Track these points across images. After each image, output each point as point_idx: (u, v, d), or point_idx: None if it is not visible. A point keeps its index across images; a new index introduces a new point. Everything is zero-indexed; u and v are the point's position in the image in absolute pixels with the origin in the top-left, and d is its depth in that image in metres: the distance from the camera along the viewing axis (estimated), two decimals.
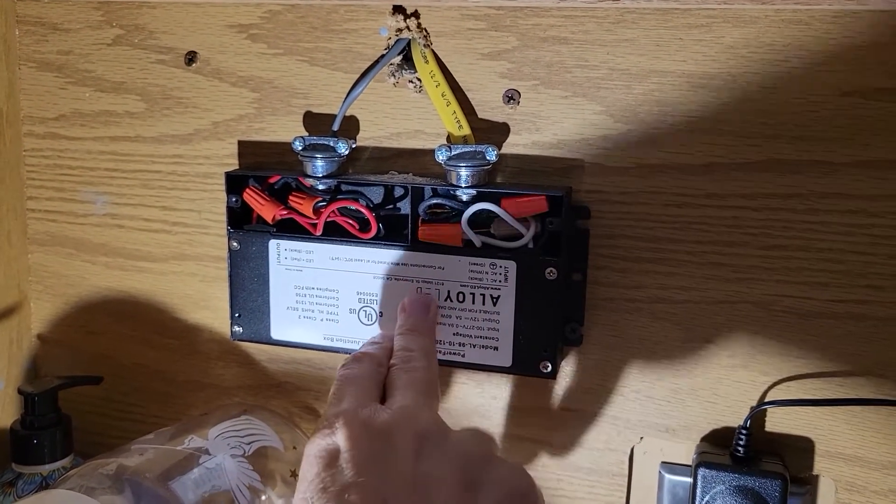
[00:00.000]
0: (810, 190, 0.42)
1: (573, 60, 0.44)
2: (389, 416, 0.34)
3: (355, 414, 0.34)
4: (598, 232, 0.45)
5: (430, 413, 0.36)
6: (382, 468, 0.31)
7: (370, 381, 0.38)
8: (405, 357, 0.40)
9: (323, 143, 0.46)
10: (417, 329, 0.43)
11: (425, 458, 0.32)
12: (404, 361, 0.40)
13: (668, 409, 0.46)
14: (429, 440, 0.33)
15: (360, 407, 0.35)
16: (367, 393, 0.37)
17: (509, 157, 0.46)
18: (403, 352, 0.41)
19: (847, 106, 0.41)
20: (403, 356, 0.40)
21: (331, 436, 0.33)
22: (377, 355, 0.41)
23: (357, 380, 0.38)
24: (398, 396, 0.37)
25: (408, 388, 0.37)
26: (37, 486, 0.51)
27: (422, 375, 0.39)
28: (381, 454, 0.32)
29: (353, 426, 0.33)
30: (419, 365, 0.39)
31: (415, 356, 0.40)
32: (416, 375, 0.39)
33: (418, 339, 0.42)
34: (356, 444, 0.32)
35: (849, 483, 0.44)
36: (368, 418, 0.34)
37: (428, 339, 0.43)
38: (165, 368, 0.56)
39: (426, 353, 0.41)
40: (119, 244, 0.55)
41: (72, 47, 0.54)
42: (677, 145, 0.43)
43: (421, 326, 0.43)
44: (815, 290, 0.43)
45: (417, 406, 0.36)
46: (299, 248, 0.48)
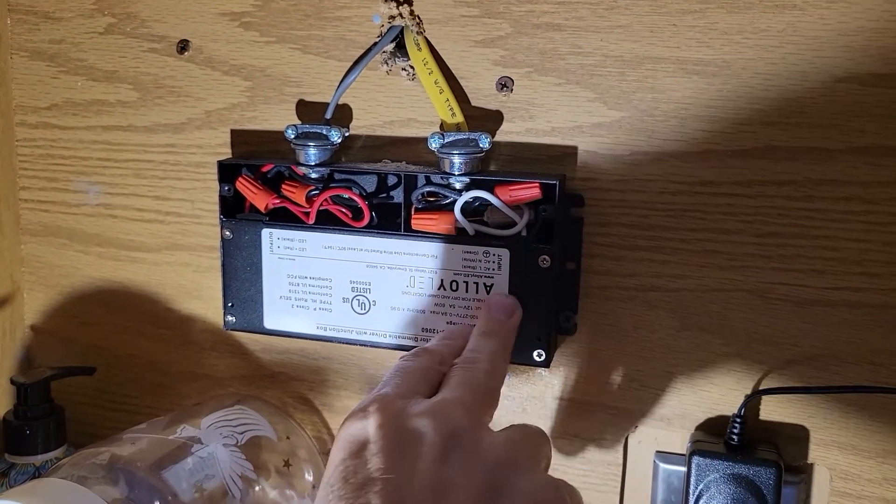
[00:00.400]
0: (805, 177, 0.42)
1: (567, 47, 0.44)
2: (424, 409, 0.33)
3: (392, 402, 0.33)
4: (592, 220, 0.45)
5: (468, 412, 0.34)
6: (406, 466, 0.30)
7: (422, 374, 0.36)
8: (470, 358, 0.38)
9: (316, 132, 0.46)
10: (494, 332, 0.41)
11: (450, 462, 0.31)
12: (467, 362, 0.38)
13: (662, 398, 0.46)
14: (458, 442, 0.32)
15: (399, 396, 0.34)
16: (413, 384, 0.35)
17: (503, 145, 0.46)
18: (471, 352, 0.39)
19: (842, 92, 0.40)
20: (469, 356, 0.38)
21: (363, 419, 0.32)
22: (440, 351, 0.39)
23: (408, 370, 0.36)
24: (445, 392, 0.35)
25: (458, 386, 0.35)
26: (30, 477, 0.51)
27: (479, 377, 0.37)
28: (407, 450, 0.31)
29: (386, 414, 0.32)
30: (481, 367, 0.37)
31: (481, 358, 0.38)
32: (473, 376, 0.37)
33: (490, 343, 0.40)
34: (385, 436, 0.31)
35: (844, 471, 0.44)
36: (402, 409, 0.33)
37: (502, 345, 0.40)
38: (159, 359, 0.56)
39: (494, 358, 0.39)
40: (112, 234, 0.55)
41: (64, 36, 0.53)
42: (671, 132, 0.43)
43: (499, 329, 0.41)
44: (811, 277, 0.43)
45: (458, 403, 0.34)
46: (292, 237, 0.47)
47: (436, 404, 0.33)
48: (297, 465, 0.50)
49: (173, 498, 0.42)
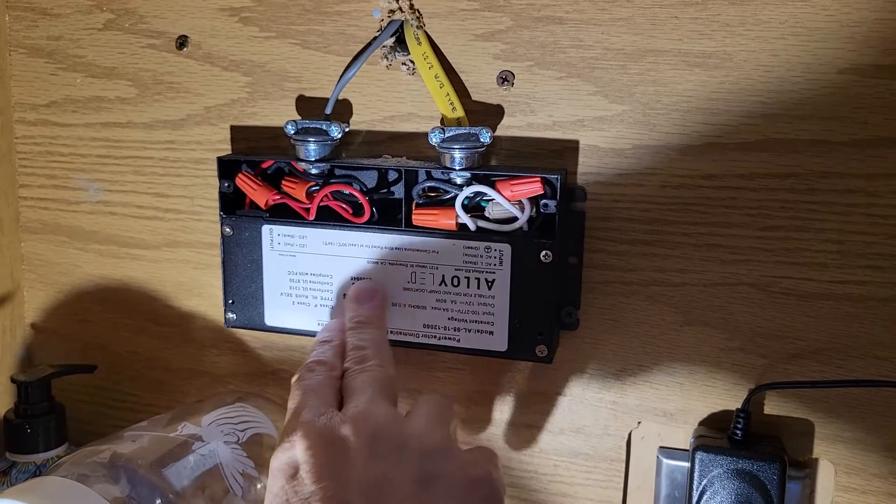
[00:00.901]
0: (808, 170, 0.41)
1: (568, 40, 0.44)
2: (343, 421, 0.35)
3: (312, 424, 0.35)
4: (593, 214, 0.45)
5: (384, 410, 0.36)
6: (340, 474, 0.32)
7: (326, 389, 0.38)
8: (358, 357, 0.40)
9: (316, 127, 0.46)
10: (366, 321, 0.43)
11: (379, 460, 0.33)
12: (357, 362, 0.40)
13: (665, 393, 0.46)
14: (382, 440, 0.34)
15: (316, 416, 0.36)
16: (323, 401, 0.37)
17: (504, 140, 0.46)
18: (356, 351, 0.41)
19: (845, 84, 0.40)
20: (356, 356, 0.40)
21: (290, 449, 0.34)
22: (330, 361, 0.41)
23: (312, 389, 0.38)
24: (353, 400, 0.37)
25: (363, 391, 0.37)
26: (31, 475, 0.51)
27: (376, 374, 0.39)
28: (337, 461, 0.33)
29: (310, 436, 0.34)
30: (372, 364, 0.40)
31: (367, 354, 0.40)
32: (370, 375, 0.39)
33: (368, 334, 0.42)
34: (314, 455, 0.33)
35: (848, 466, 0.44)
36: (325, 426, 0.35)
37: (378, 331, 0.43)
38: (159, 356, 0.56)
39: (378, 348, 0.41)
40: (112, 231, 0.55)
41: (62, 32, 0.53)
42: (673, 126, 0.43)
43: (369, 317, 0.43)
44: (814, 270, 0.42)
45: (371, 405, 0.36)
46: (292, 234, 0.47)
47: (352, 414, 0.35)
48: None
49: (174, 496, 0.42)
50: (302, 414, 0.36)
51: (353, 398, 0.37)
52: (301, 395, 0.38)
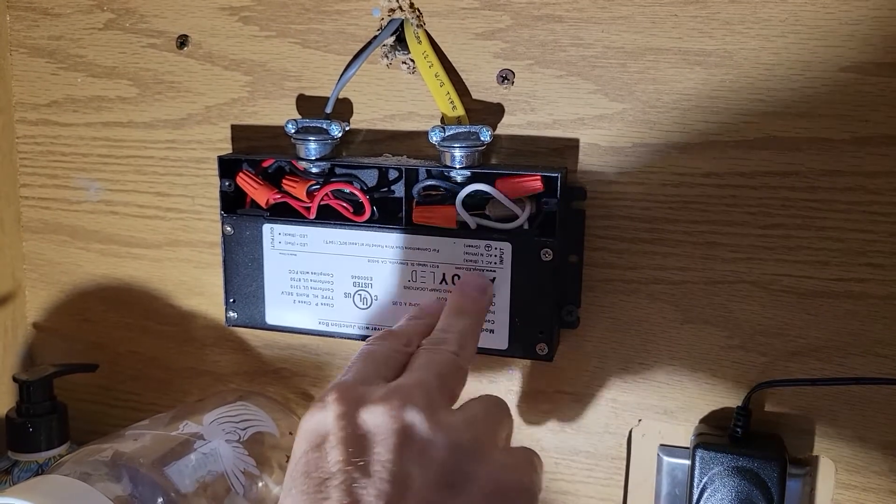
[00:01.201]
0: (809, 168, 0.41)
1: (568, 39, 0.44)
2: (381, 396, 0.32)
3: (350, 390, 0.33)
4: (594, 213, 0.45)
5: (426, 396, 0.32)
6: (363, 456, 0.30)
7: (386, 358, 0.36)
8: (438, 339, 0.37)
9: (316, 126, 0.46)
10: (465, 310, 0.40)
11: (406, 452, 0.30)
12: (434, 343, 0.37)
13: (666, 391, 0.46)
14: (414, 430, 0.31)
15: (359, 383, 0.33)
16: (376, 369, 0.35)
17: (504, 138, 0.46)
18: (439, 332, 0.38)
19: (845, 82, 0.40)
20: (437, 337, 0.37)
21: (322, 410, 0.32)
22: (407, 332, 0.38)
23: (372, 354, 0.36)
24: (406, 375, 0.34)
25: (421, 368, 0.34)
26: (33, 474, 0.51)
27: (445, 358, 0.36)
28: (364, 440, 0.31)
29: (345, 404, 0.32)
30: (449, 348, 0.36)
31: (449, 339, 0.37)
32: (439, 357, 0.36)
33: (461, 321, 0.39)
34: (343, 427, 0.31)
35: (848, 463, 0.44)
36: (361, 397, 0.32)
37: (473, 323, 0.39)
38: (161, 356, 0.56)
39: (463, 336, 0.38)
40: (113, 231, 0.55)
41: (63, 32, 0.53)
42: (674, 124, 0.43)
43: (470, 308, 0.40)
44: (815, 268, 0.42)
45: (417, 386, 0.33)
46: (293, 232, 0.47)
47: (392, 390, 0.32)
48: None
49: (176, 494, 0.42)
50: (347, 375, 0.34)
51: (406, 374, 0.35)
52: (359, 358, 0.35)
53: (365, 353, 0.36)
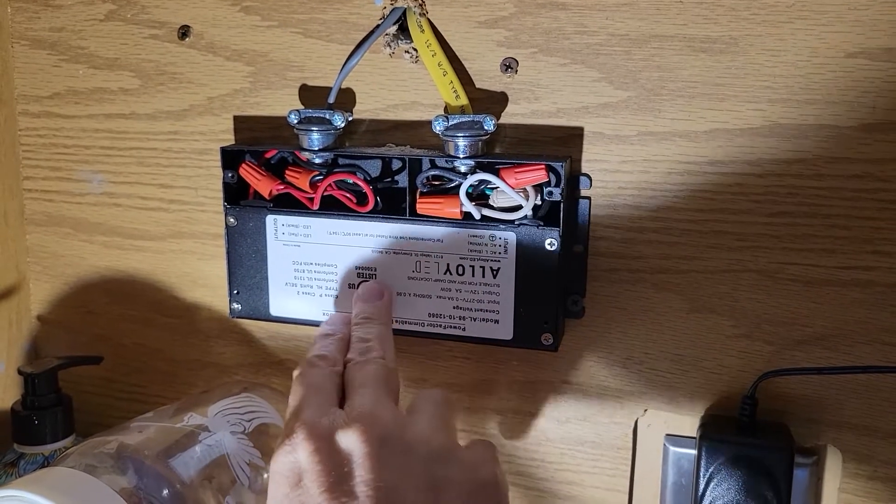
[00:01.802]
0: (816, 155, 0.41)
1: (572, 27, 0.43)
2: (348, 423, 0.34)
3: (315, 426, 0.34)
4: (598, 202, 0.45)
5: (389, 412, 0.35)
6: (345, 481, 0.31)
7: (328, 385, 0.37)
8: (361, 349, 0.40)
9: (319, 116, 0.46)
10: (372, 317, 0.43)
11: (386, 466, 0.32)
12: (360, 353, 0.39)
13: (671, 381, 0.46)
14: (389, 444, 0.33)
15: (319, 416, 0.35)
16: (325, 398, 0.36)
17: (508, 127, 0.45)
18: (359, 343, 0.40)
19: (852, 67, 0.40)
20: (359, 348, 0.40)
21: (293, 452, 0.33)
22: (332, 356, 0.40)
23: (314, 386, 0.37)
24: (356, 398, 0.36)
25: (365, 387, 0.37)
26: (38, 466, 0.51)
27: (378, 369, 0.38)
28: (342, 467, 0.32)
29: (314, 439, 0.33)
30: (375, 356, 0.39)
31: (371, 346, 0.40)
32: (373, 370, 0.38)
33: (373, 328, 0.42)
34: (319, 461, 0.32)
35: (856, 452, 0.44)
36: (328, 429, 0.34)
37: (384, 327, 0.42)
38: (165, 348, 0.56)
39: (382, 342, 0.41)
40: (116, 223, 0.55)
41: (64, 24, 0.53)
42: (679, 111, 0.42)
43: (376, 313, 0.43)
44: (821, 256, 0.42)
45: (376, 406, 0.35)
46: (297, 223, 0.47)
47: (357, 414, 0.34)
48: None
49: (181, 486, 0.42)
50: (304, 413, 0.35)
51: (355, 394, 0.36)
52: (303, 391, 0.37)
53: (307, 385, 0.37)
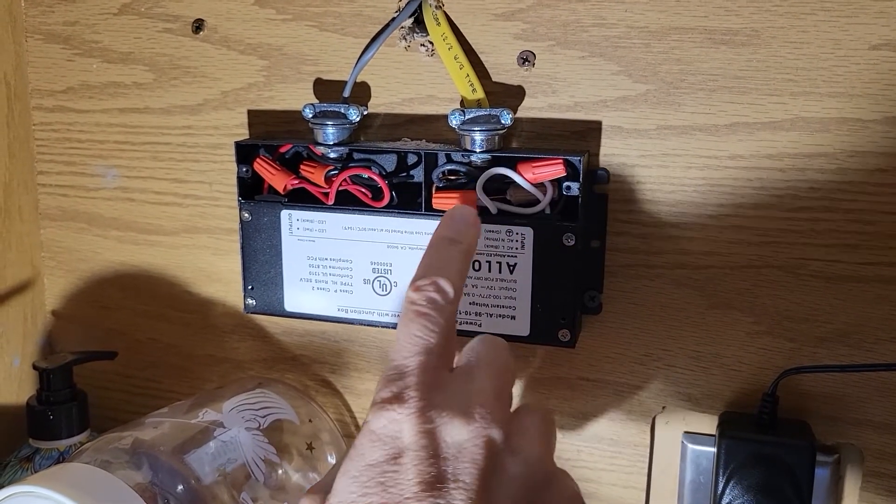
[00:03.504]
0: (838, 149, 0.40)
1: (590, 19, 0.43)
2: (467, 416, 0.30)
3: (432, 403, 0.30)
4: (616, 196, 0.44)
5: (502, 412, 0.31)
6: (444, 481, 0.28)
7: (449, 337, 0.33)
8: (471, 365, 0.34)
9: (334, 110, 0.45)
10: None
11: (488, 477, 0.29)
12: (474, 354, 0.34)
13: (690, 378, 0.45)
14: (498, 456, 0.30)
15: (437, 385, 0.31)
16: (446, 360, 0.32)
17: (525, 121, 0.45)
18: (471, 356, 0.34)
19: (876, 60, 0.39)
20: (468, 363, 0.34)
21: (400, 423, 0.30)
22: (457, 287, 0.34)
23: (436, 337, 0.32)
24: (477, 381, 0.32)
25: (483, 371, 0.32)
26: (54, 461, 0.51)
27: (498, 348, 0.34)
28: (445, 464, 0.29)
29: (427, 420, 0.29)
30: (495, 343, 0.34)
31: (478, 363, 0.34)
32: (490, 347, 0.34)
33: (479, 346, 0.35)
34: (425, 447, 0.29)
35: (877, 451, 0.43)
36: (445, 412, 0.30)
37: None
38: (180, 343, 0.55)
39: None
40: (130, 218, 0.55)
41: (78, 18, 0.53)
42: (699, 105, 0.42)
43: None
44: (844, 252, 0.41)
45: (496, 405, 0.31)
46: (311, 218, 0.47)
47: (478, 410, 0.30)
48: (319, 448, 0.49)
49: (196, 482, 0.42)
50: (421, 373, 0.31)
51: (476, 374, 0.32)
52: (424, 341, 0.32)
53: (427, 332, 0.32)
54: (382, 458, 0.29)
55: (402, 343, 0.32)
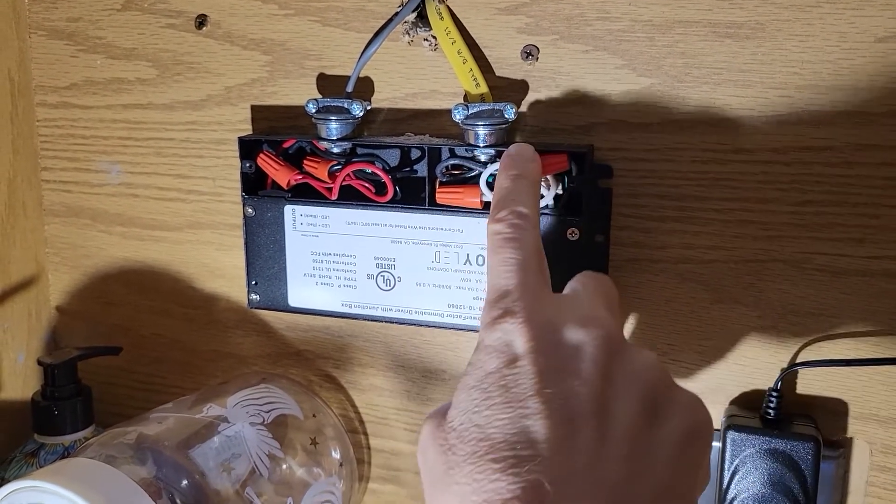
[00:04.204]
0: (844, 142, 0.40)
1: (594, 13, 0.43)
2: (577, 320, 0.30)
3: (537, 310, 0.30)
4: (621, 191, 0.44)
5: (609, 315, 0.32)
6: (566, 384, 0.28)
7: (539, 256, 0.34)
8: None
9: (337, 105, 0.45)
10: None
11: (612, 379, 0.29)
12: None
13: (695, 373, 0.45)
14: (617, 356, 0.30)
15: (539, 297, 0.31)
16: (543, 278, 0.33)
17: (528, 116, 0.45)
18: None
19: (883, 52, 0.39)
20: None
21: (509, 334, 0.30)
22: (533, 213, 0.35)
23: (527, 256, 0.33)
24: (578, 292, 0.33)
25: (588, 291, 0.34)
26: (59, 457, 0.51)
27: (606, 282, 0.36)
28: (565, 360, 0.29)
29: (533, 325, 0.30)
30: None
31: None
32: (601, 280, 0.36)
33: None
34: (541, 350, 0.29)
35: (884, 445, 0.43)
36: (553, 319, 0.30)
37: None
38: (184, 338, 0.56)
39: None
40: (134, 213, 0.55)
41: (81, 14, 0.53)
42: (704, 99, 0.42)
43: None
44: (850, 246, 0.41)
45: (601, 311, 0.31)
46: (315, 213, 0.47)
47: (586, 314, 0.31)
48: (323, 443, 0.49)
49: (201, 477, 0.42)
50: (523, 292, 0.31)
51: (574, 285, 0.34)
52: (517, 262, 0.32)
53: (517, 253, 0.33)
54: (501, 364, 0.29)
55: (497, 269, 0.33)
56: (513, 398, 0.28)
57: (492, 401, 0.28)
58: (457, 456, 0.28)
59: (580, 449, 0.27)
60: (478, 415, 0.28)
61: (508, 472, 0.26)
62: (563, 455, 0.27)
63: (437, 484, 0.29)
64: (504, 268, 0.33)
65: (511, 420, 0.28)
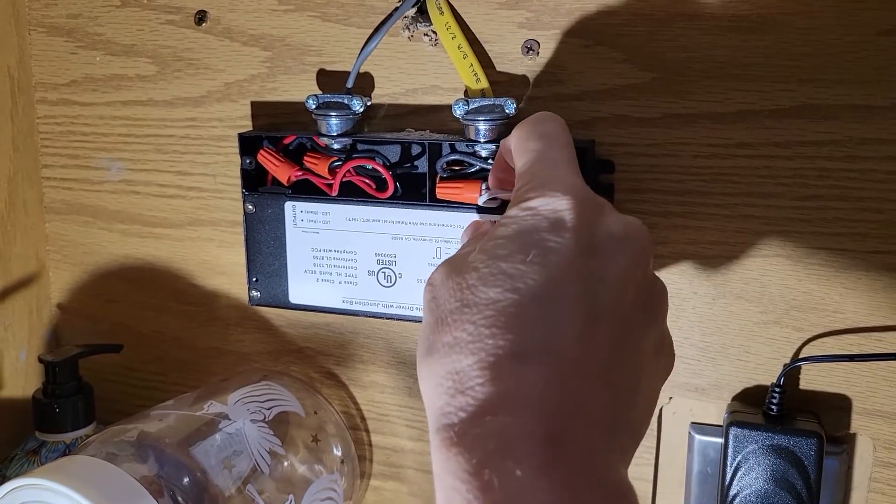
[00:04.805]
0: (847, 136, 0.40)
1: (595, 7, 0.42)
2: (618, 215, 0.31)
3: (577, 186, 0.31)
4: (623, 186, 0.44)
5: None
6: (595, 277, 0.28)
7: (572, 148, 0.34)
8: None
9: (337, 101, 0.45)
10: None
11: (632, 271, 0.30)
12: None
13: (697, 368, 0.45)
14: (640, 269, 0.31)
15: (580, 179, 0.32)
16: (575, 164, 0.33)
17: (529, 111, 0.44)
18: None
19: (886, 46, 0.39)
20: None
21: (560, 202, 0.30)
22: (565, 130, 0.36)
23: (564, 155, 0.34)
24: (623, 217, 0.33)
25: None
26: (60, 454, 0.51)
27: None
28: (601, 264, 0.29)
29: (583, 203, 0.30)
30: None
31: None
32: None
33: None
34: (584, 230, 0.29)
35: (888, 441, 0.43)
36: (592, 195, 0.31)
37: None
38: (185, 335, 0.55)
39: None
40: (135, 211, 0.55)
41: (80, 10, 0.53)
42: (705, 93, 0.41)
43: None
44: (853, 241, 0.41)
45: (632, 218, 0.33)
46: (315, 210, 0.47)
47: (622, 216, 0.31)
48: (325, 440, 0.49)
49: (202, 474, 0.42)
50: (565, 178, 0.31)
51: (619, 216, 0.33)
52: (560, 144, 0.34)
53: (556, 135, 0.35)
54: (545, 226, 0.29)
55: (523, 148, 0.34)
56: (550, 263, 0.27)
57: (526, 255, 0.28)
58: (475, 296, 0.27)
59: (597, 348, 0.27)
60: (509, 265, 0.28)
61: (526, 340, 0.26)
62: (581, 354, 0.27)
63: (446, 318, 0.28)
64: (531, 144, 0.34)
65: (543, 285, 0.27)
